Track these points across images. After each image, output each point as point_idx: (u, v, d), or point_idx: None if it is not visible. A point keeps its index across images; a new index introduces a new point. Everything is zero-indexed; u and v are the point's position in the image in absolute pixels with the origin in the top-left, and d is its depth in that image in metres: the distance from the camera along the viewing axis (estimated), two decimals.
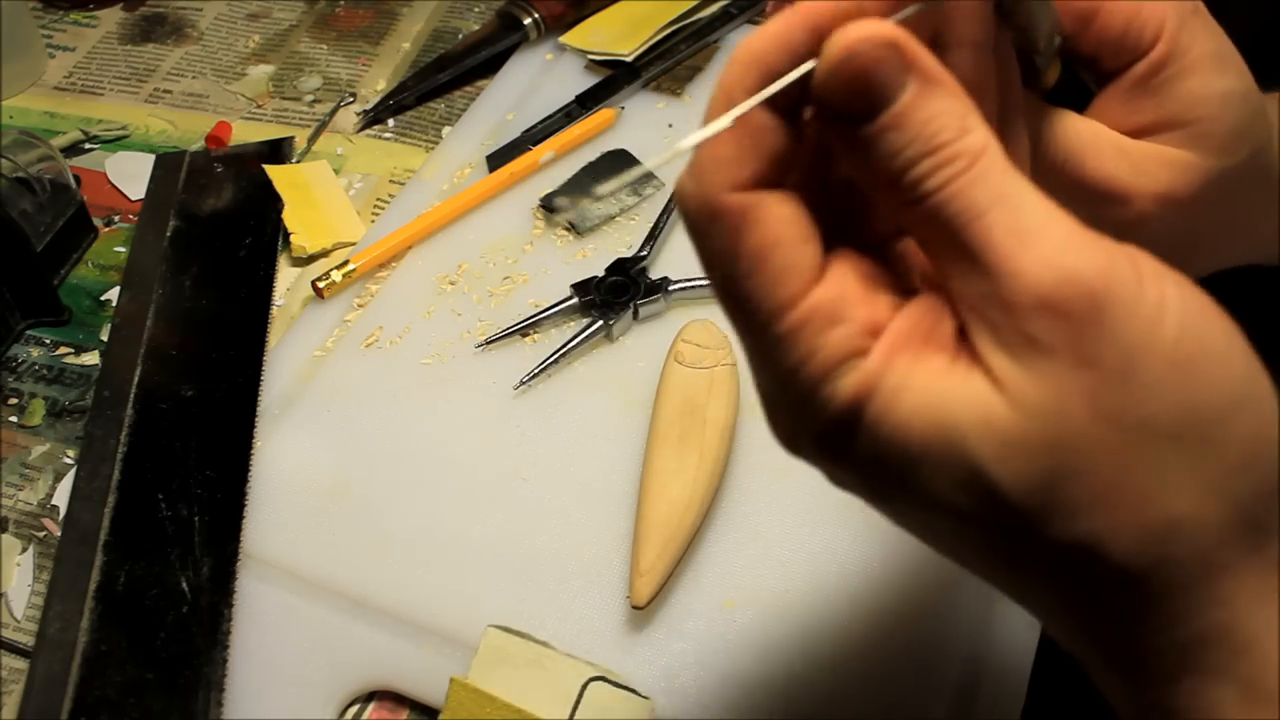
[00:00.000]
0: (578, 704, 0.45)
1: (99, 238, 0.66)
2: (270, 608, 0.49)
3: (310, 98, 0.74)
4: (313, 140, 0.71)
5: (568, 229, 0.64)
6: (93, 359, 0.60)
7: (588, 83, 0.72)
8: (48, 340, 0.61)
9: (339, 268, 0.61)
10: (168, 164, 0.68)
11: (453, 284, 0.62)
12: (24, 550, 0.53)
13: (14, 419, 0.58)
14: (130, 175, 0.69)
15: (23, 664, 0.48)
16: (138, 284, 0.62)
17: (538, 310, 0.59)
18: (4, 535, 0.53)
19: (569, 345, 0.57)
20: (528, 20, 0.74)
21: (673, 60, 0.73)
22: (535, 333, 0.59)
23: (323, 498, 0.53)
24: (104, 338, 0.61)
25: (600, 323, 0.58)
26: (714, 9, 0.75)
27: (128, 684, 0.46)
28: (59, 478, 0.55)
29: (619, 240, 0.63)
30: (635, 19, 0.74)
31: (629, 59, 0.71)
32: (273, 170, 0.67)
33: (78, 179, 0.67)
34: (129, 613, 0.48)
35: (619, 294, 0.59)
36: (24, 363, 0.60)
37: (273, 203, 0.65)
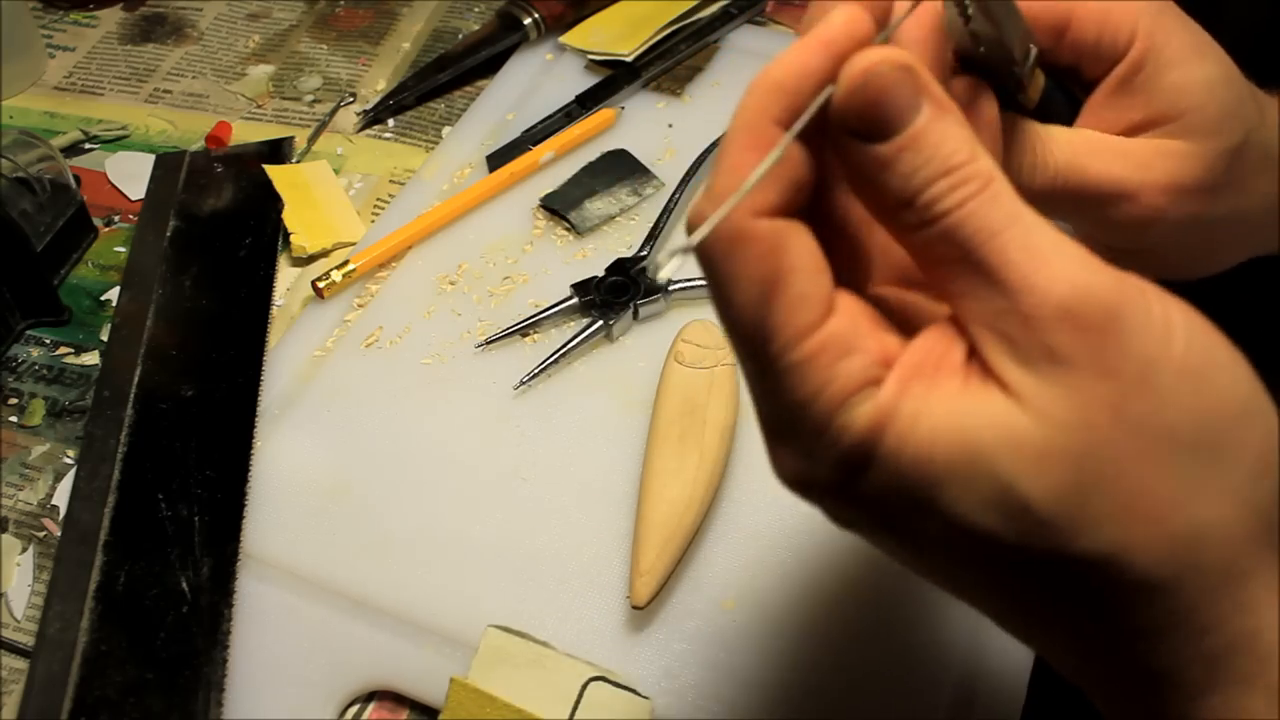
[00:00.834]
0: (578, 704, 0.45)
1: (99, 238, 0.66)
2: (270, 608, 0.49)
3: (310, 98, 0.74)
4: (313, 140, 0.71)
5: (568, 229, 0.64)
6: (93, 359, 0.60)
7: (588, 83, 0.72)
8: (48, 340, 0.61)
9: (339, 268, 0.61)
10: (168, 164, 0.68)
11: (453, 284, 0.62)
12: (24, 550, 0.53)
13: (14, 419, 0.58)
14: (130, 175, 0.69)
15: (23, 664, 0.48)
16: (138, 284, 0.62)
17: (538, 310, 0.59)
18: (4, 535, 0.53)
19: (569, 345, 0.57)
20: (528, 20, 0.74)
21: (673, 60, 0.73)
22: (535, 333, 0.59)
23: (323, 498, 0.53)
24: (104, 338, 0.61)
25: (600, 323, 0.58)
26: (714, 9, 0.75)
27: (128, 684, 0.46)
28: (59, 478, 0.55)
29: (619, 240, 0.63)
30: (635, 19, 0.74)
31: (629, 59, 0.71)
32: (273, 170, 0.67)
33: (78, 179, 0.67)
34: (129, 613, 0.48)
35: (619, 294, 0.59)
36: (24, 363, 0.60)
37: (273, 203, 0.65)
